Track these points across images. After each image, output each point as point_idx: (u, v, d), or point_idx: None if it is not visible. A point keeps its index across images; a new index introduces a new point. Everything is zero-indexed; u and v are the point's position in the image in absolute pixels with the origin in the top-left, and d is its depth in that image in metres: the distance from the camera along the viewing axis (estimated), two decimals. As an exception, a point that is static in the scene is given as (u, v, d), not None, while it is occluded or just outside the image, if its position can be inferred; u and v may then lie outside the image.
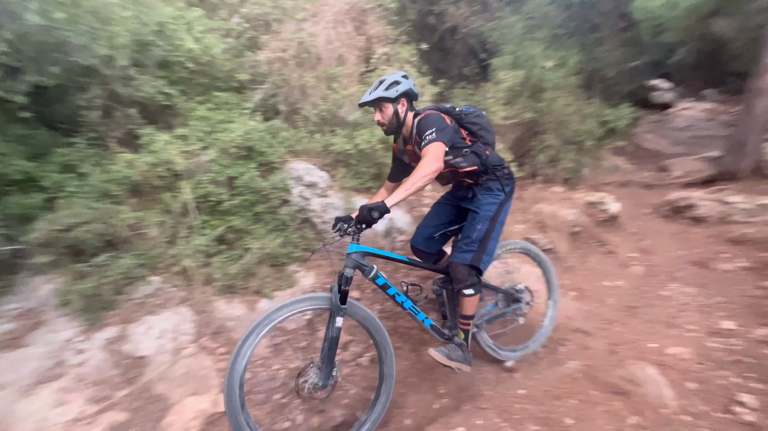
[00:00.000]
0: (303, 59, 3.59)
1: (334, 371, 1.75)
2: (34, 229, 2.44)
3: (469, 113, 2.04)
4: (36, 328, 2.31)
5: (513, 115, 3.91)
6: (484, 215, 1.97)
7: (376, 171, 3.35)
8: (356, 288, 2.85)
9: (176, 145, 2.93)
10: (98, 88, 3.10)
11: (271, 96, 3.63)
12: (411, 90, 1.92)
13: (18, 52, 2.66)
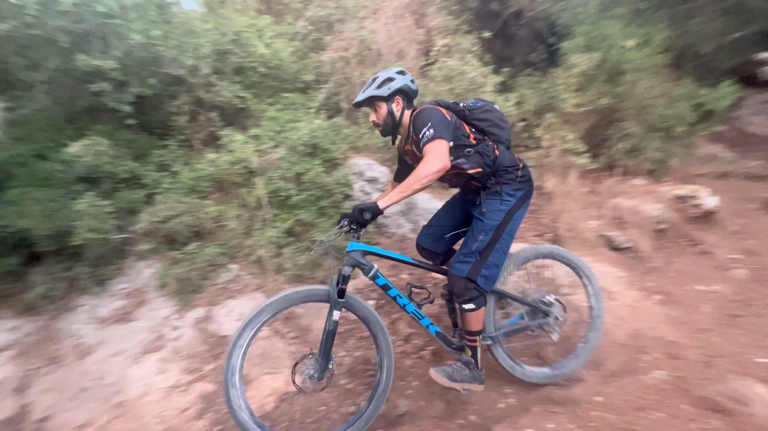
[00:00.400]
0: (364, 57, 3.68)
1: (330, 364, 1.75)
2: (138, 221, 2.83)
3: (475, 108, 1.84)
4: (141, 305, 2.69)
5: (586, 102, 3.61)
6: (488, 224, 1.76)
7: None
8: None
9: (251, 145, 3.19)
10: (185, 96, 3.49)
11: (333, 94, 3.78)
12: (407, 86, 1.79)
13: (125, 67, 3.09)
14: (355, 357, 2.38)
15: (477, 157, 1.76)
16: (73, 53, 2.87)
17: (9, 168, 2.84)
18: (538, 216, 3.35)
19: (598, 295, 2.11)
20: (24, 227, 2.44)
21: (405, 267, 2.80)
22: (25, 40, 2.98)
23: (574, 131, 3.57)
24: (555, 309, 2.04)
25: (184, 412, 2.05)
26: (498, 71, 3.89)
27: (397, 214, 3.24)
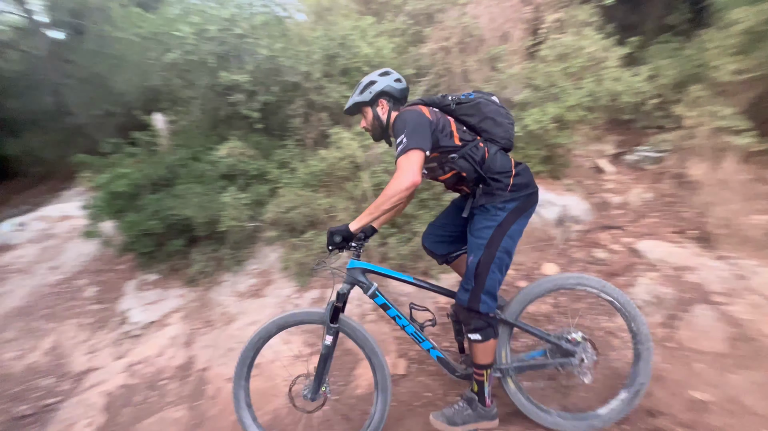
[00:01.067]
0: (465, 44, 3.60)
1: (323, 387, 1.75)
2: (265, 211, 3.31)
3: (463, 102, 1.61)
4: (269, 284, 3.15)
5: (751, 67, 2.90)
6: (476, 243, 1.56)
7: (546, 153, 3.09)
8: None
9: (356, 141, 3.42)
10: (300, 99, 3.92)
11: (433, 86, 3.79)
12: (390, 87, 1.64)
13: (254, 79, 3.61)
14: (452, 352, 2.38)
15: (462, 162, 1.55)
16: (217, 71, 3.47)
17: (175, 169, 3.60)
18: (678, 209, 2.85)
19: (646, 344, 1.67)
20: (188, 215, 3.08)
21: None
22: (184, 64, 3.72)
23: (733, 105, 2.91)
24: (581, 348, 1.71)
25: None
26: (623, 42, 3.39)
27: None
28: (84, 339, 2.93)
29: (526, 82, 3.28)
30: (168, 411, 2.26)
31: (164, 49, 3.64)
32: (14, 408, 2.38)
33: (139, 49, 4.15)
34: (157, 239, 3.21)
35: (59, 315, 3.12)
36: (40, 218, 4.50)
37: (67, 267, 3.60)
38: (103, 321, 3.05)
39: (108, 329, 2.98)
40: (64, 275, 3.54)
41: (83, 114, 6.19)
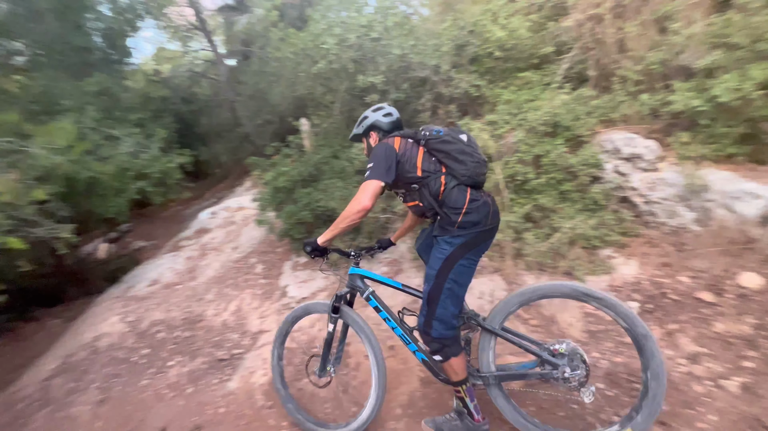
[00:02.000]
0: (623, 8, 3.10)
1: (328, 367, 2.08)
2: (397, 204, 3.53)
3: (432, 138, 1.70)
4: (399, 273, 3.37)
5: None
6: (429, 272, 1.67)
7: (745, 130, 2.43)
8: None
9: (487, 131, 3.34)
10: (428, 94, 4.02)
11: (578, 62, 3.40)
12: (378, 121, 1.90)
13: (387, 79, 3.87)
14: (614, 363, 2.11)
15: (420, 193, 1.69)
16: (355, 76, 3.85)
17: (320, 166, 4.16)
18: None
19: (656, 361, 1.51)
20: (332, 207, 3.52)
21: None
22: (327, 73, 4.24)
23: None
24: (565, 361, 1.64)
25: (438, 368, 2.44)
26: None
27: (673, 198, 2.60)
28: (256, 306, 3.68)
29: (713, 42, 2.64)
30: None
31: (312, 62, 4.22)
32: (216, 353, 3.17)
33: (291, 65, 4.91)
34: (307, 227, 3.77)
35: (240, 285, 3.99)
36: (224, 208, 5.81)
37: (243, 248, 4.56)
38: (269, 293, 3.77)
39: (272, 300, 3.67)
40: (241, 254, 4.49)
41: (249, 124, 7.68)
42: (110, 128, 4.38)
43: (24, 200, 2.91)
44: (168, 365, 3.09)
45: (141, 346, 3.34)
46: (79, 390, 2.96)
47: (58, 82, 4.76)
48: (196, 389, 2.85)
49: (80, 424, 2.64)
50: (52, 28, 4.99)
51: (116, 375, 3.05)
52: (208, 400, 2.70)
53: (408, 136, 1.79)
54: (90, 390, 2.94)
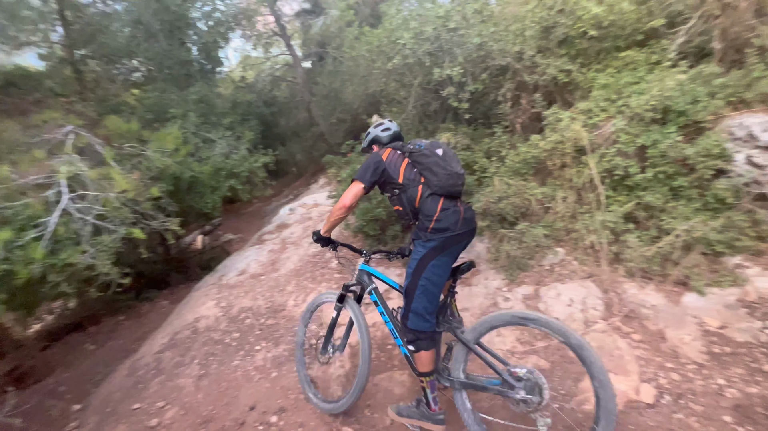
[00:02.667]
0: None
1: (329, 348, 2.47)
2: (474, 201, 3.43)
3: (414, 151, 1.96)
4: (476, 274, 3.27)
5: None
6: (408, 270, 1.94)
7: None
8: None
9: (578, 121, 3.06)
10: (509, 83, 3.83)
11: (696, 35, 2.94)
12: (377, 136, 2.21)
13: (464, 70, 3.77)
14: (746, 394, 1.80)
15: (400, 198, 1.95)
16: (431, 69, 3.82)
17: (393, 163, 4.22)
18: None
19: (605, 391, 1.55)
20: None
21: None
22: (401, 68, 4.28)
23: None
24: (522, 385, 1.75)
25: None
26: None
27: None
28: (332, 300, 3.88)
29: None
30: (395, 372, 2.72)
31: (386, 58, 4.28)
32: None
33: (365, 63, 5.04)
34: (381, 224, 3.86)
35: (317, 279, 4.24)
36: (301, 205, 6.22)
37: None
38: (344, 288, 3.95)
39: (347, 295, 3.84)
40: (318, 249, 4.77)
41: (324, 123, 8.11)
42: (207, 132, 4.98)
43: (144, 196, 3.45)
44: (255, 349, 3.42)
45: (232, 330, 3.74)
46: (184, 364, 3.43)
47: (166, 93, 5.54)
48: (279, 374, 3.11)
49: (186, 394, 3.05)
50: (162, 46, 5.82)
51: (212, 354, 3.46)
52: (290, 385, 2.92)
53: (397, 148, 2.05)
54: (192, 365, 3.38)
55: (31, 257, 2.73)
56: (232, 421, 2.68)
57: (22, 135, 3.50)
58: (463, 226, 1.87)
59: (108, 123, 3.90)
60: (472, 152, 3.88)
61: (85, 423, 3.06)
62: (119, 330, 5.13)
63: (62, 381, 3.95)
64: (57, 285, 2.99)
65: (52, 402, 3.42)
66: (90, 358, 4.50)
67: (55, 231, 2.98)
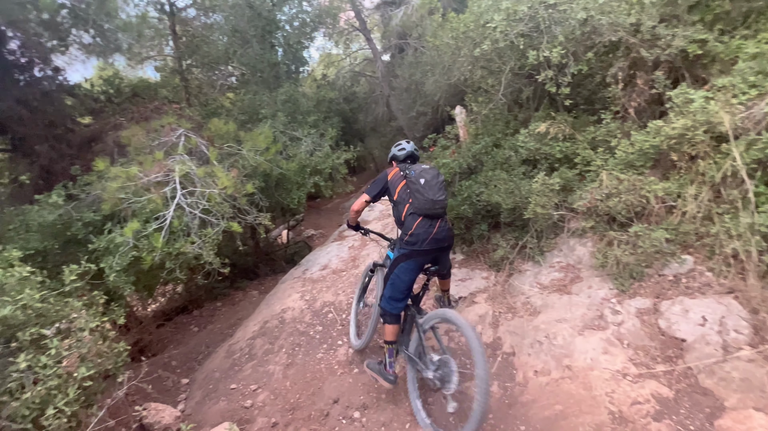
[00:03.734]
0: None
1: (360, 303, 3.50)
2: (574, 198, 3.17)
3: (408, 176, 2.59)
4: (576, 281, 3.03)
5: None
6: (387, 261, 2.94)
7: None
8: None
9: (718, 100, 2.63)
10: (621, 61, 3.44)
11: None
12: (393, 155, 2.92)
13: (564, 50, 3.49)
14: None
15: (395, 211, 2.69)
16: (525, 52, 3.61)
17: (480, 157, 4.10)
18: None
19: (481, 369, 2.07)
20: (494, 201, 3.43)
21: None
22: (490, 54, 4.12)
23: None
24: (431, 369, 2.40)
25: (635, 405, 2.09)
26: None
27: None
28: (413, 300, 3.93)
29: None
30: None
31: (473, 44, 4.16)
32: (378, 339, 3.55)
33: (449, 51, 4.97)
34: (466, 222, 3.79)
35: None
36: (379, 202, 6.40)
37: (398, 241, 4.95)
38: (425, 288, 3.97)
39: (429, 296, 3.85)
40: (397, 247, 4.88)
41: (403, 117, 8.22)
42: (293, 131, 5.40)
43: (240, 193, 3.89)
44: (338, 344, 3.63)
45: (316, 323, 4.02)
46: (273, 352, 3.78)
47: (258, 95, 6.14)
48: (360, 371, 3.25)
49: (275, 380, 3.37)
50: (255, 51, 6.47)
51: (298, 345, 3.76)
52: (371, 383, 3.04)
53: (402, 170, 2.67)
54: (280, 353, 3.72)
55: (154, 245, 3.27)
56: (318, 412, 2.89)
57: (146, 138, 4.20)
58: (429, 244, 2.50)
59: (211, 125, 4.47)
60: (572, 143, 3.59)
61: (192, 396, 3.57)
62: (217, 315, 5.86)
63: (173, 356, 4.65)
64: (172, 271, 3.53)
65: (166, 373, 4.05)
66: (194, 338, 5.23)
67: (170, 224, 3.52)
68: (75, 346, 2.23)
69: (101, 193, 3.65)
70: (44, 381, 2.01)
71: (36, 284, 2.44)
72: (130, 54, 6.75)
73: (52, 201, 3.62)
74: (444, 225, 2.54)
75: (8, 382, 1.97)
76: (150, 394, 3.14)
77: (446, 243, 2.57)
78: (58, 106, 5.45)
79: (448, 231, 2.57)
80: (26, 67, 5.41)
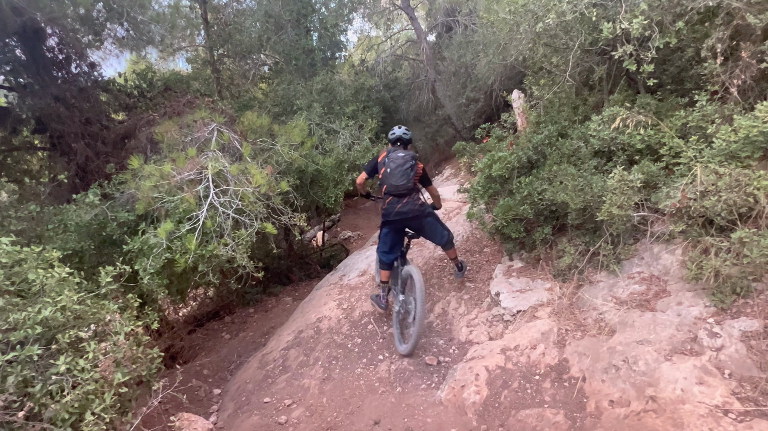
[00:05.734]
0: None
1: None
2: (660, 197, 2.97)
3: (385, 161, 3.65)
4: (662, 295, 2.84)
5: None
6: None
7: None
8: None
9: None
10: (720, 30, 3.17)
11: None
12: (389, 138, 3.85)
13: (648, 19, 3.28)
14: None
15: (380, 187, 3.68)
16: (598, 25, 3.43)
17: (542, 148, 3.96)
18: None
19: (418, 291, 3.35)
20: (559, 201, 3.30)
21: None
22: (555, 29, 3.96)
23: None
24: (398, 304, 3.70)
25: (741, 448, 1.92)
26: None
27: None
28: (463, 312, 3.87)
29: None
30: (546, 410, 2.56)
31: (535, 19, 4.03)
32: (422, 356, 3.54)
33: (505, 28, 4.84)
34: (526, 224, 3.67)
35: (444, 287, 4.29)
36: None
37: (446, 245, 4.89)
38: (478, 299, 3.90)
39: (481, 308, 3.78)
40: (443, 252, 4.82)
41: (450, 105, 8.13)
42: (330, 123, 5.51)
43: (275, 191, 4.03)
44: (378, 359, 3.65)
45: (354, 334, 4.07)
46: (308, 364, 3.89)
47: (293, 84, 6.33)
48: (404, 390, 3.26)
49: (311, 395, 3.46)
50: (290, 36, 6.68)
51: (335, 358, 3.84)
52: (417, 404, 3.03)
53: (387, 152, 3.67)
54: (316, 366, 3.81)
55: (187, 247, 3.47)
56: (357, 433, 2.93)
57: (179, 134, 4.47)
58: (395, 216, 3.59)
59: (244, 119, 4.67)
60: (656, 131, 3.36)
61: (224, 408, 3.75)
62: (249, 322, 6.12)
63: (205, 364, 4.91)
64: (205, 275, 3.73)
65: (198, 383, 4.29)
66: (226, 346, 5.49)
67: (203, 224, 3.72)
68: (111, 350, 2.42)
69: (135, 191, 3.93)
70: (82, 385, 2.20)
71: (74, 285, 2.67)
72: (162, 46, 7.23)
73: (89, 200, 3.95)
74: (409, 201, 3.55)
75: (49, 385, 2.17)
76: (183, 404, 3.34)
77: (410, 215, 3.55)
78: (94, 103, 5.95)
79: (413, 206, 3.55)
80: (64, 64, 5.95)
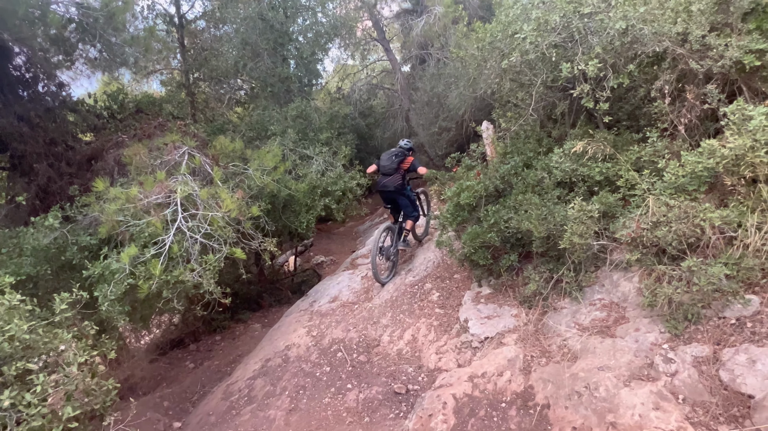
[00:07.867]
0: None
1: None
2: (617, 227, 3.12)
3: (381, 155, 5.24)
4: (621, 322, 2.94)
5: None
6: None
7: None
8: None
9: (780, 118, 2.58)
10: (667, 73, 3.44)
11: None
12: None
13: (602, 62, 3.52)
14: None
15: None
16: (558, 65, 3.66)
17: (508, 178, 4.10)
18: None
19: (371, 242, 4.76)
20: (524, 229, 3.41)
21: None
22: (519, 66, 4.19)
23: None
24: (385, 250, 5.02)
25: (694, 472, 1.98)
26: None
27: None
28: (433, 338, 3.87)
29: None
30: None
31: (501, 56, 4.25)
32: (391, 384, 3.50)
33: (474, 63, 5.08)
34: (493, 252, 3.76)
35: (415, 313, 4.30)
36: (397, 226, 6.42)
37: (417, 271, 4.92)
38: (447, 326, 3.92)
39: (450, 334, 3.79)
40: (415, 278, 4.85)
41: (423, 133, 8.34)
42: (304, 149, 5.57)
43: (245, 216, 3.99)
44: (347, 388, 3.59)
45: (323, 362, 4.00)
46: (275, 394, 3.77)
47: (267, 110, 6.38)
48: (371, 420, 3.20)
49: (276, 428, 3.35)
50: (266, 64, 6.78)
51: (303, 388, 3.74)
52: (384, 436, 2.98)
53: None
54: (283, 396, 3.70)
55: (151, 273, 3.37)
56: (323, 466, 2.84)
57: (148, 157, 4.40)
58: (378, 188, 5.07)
59: (216, 143, 4.66)
60: (613, 163, 3.56)
61: (184, 443, 3.57)
62: (215, 350, 5.91)
63: (165, 396, 4.68)
64: (169, 301, 3.61)
65: (157, 416, 4.08)
66: (189, 376, 5.26)
67: (169, 249, 3.63)
68: (62, 382, 2.30)
69: (99, 215, 3.82)
70: (28, 422, 2.06)
71: (25, 313, 2.54)
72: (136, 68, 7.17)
73: (48, 223, 3.80)
74: (390, 180, 4.90)
75: (-10, 421, 2.03)
76: (139, 440, 3.16)
77: (386, 188, 4.93)
78: (60, 123, 5.80)
79: (392, 183, 4.88)
80: (30, 83, 5.81)
